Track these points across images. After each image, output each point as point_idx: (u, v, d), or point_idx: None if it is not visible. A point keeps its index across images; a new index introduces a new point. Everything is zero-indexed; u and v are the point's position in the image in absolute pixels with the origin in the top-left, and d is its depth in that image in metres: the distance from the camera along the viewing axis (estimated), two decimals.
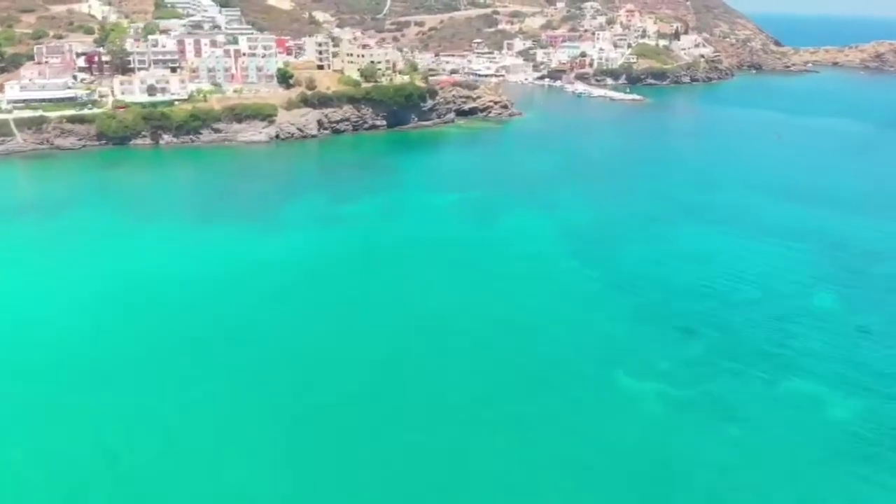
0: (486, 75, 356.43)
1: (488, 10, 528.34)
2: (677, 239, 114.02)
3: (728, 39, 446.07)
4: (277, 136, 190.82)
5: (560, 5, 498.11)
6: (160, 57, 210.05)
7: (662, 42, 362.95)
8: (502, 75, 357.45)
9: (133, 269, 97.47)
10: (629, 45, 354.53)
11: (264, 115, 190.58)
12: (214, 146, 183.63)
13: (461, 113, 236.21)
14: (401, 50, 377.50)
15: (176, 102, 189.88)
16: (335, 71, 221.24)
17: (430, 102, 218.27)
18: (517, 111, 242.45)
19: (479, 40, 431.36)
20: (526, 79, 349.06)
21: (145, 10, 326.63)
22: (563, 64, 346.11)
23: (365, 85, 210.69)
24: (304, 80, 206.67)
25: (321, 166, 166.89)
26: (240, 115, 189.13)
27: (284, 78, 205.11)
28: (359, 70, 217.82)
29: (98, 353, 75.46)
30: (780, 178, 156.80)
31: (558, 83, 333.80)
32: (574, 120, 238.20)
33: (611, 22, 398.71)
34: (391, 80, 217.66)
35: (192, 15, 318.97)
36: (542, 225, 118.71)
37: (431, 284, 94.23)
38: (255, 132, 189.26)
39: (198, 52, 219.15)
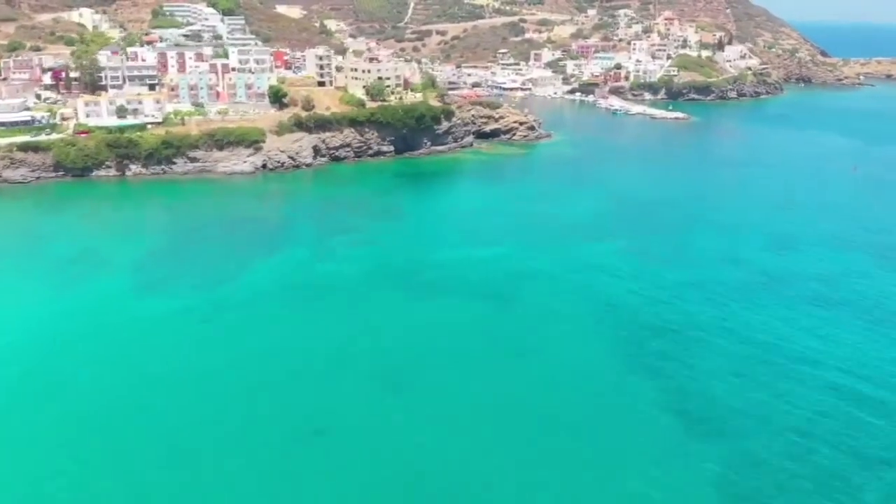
0: (512, 89, 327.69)
1: (514, 19, 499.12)
2: (768, 331, 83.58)
3: (773, 50, 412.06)
4: (264, 166, 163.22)
5: (591, 13, 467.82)
6: (137, 73, 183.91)
7: (705, 53, 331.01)
8: (529, 89, 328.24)
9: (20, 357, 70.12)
10: (669, 57, 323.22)
11: (250, 140, 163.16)
12: (190, 178, 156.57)
13: (482, 135, 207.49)
14: (419, 62, 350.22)
15: (149, 126, 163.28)
16: (338, 88, 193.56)
17: (445, 125, 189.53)
18: (545, 133, 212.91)
19: (504, 50, 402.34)
20: (555, 93, 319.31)
21: (142, 18, 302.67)
22: (596, 77, 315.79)
23: (370, 105, 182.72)
24: (301, 99, 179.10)
25: (309, 208, 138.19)
26: (221, 141, 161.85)
27: (277, 97, 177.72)
28: (364, 87, 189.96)
29: None
30: (878, 229, 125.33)
31: (591, 98, 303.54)
32: (611, 143, 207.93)
33: (647, 31, 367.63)
34: (401, 98, 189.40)
35: (192, 24, 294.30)
36: (583, 312, 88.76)
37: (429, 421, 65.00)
38: (239, 161, 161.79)
39: (181, 67, 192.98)
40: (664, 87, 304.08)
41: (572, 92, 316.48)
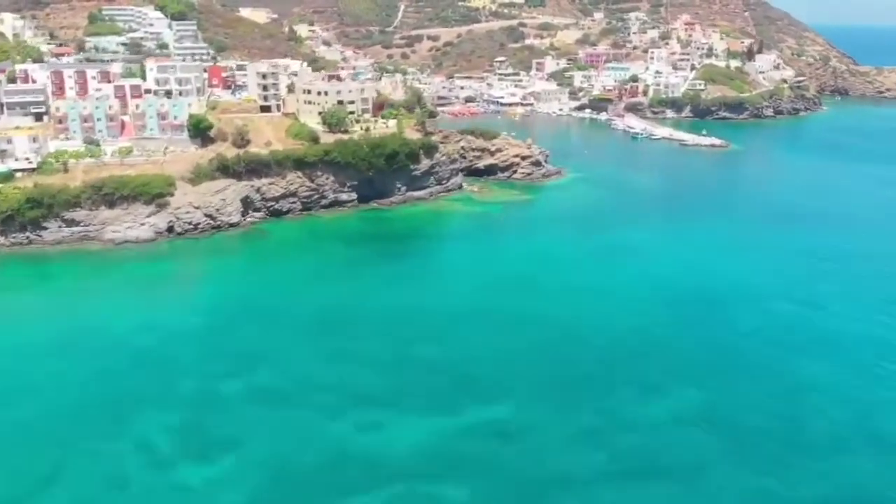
0: (511, 104, 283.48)
1: (513, 22, 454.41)
2: None
3: (804, 58, 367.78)
4: (171, 230, 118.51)
5: (598, 16, 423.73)
6: (19, 98, 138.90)
7: (734, 63, 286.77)
8: (531, 104, 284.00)
9: None
10: (693, 67, 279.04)
11: (151, 194, 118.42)
12: (63, 250, 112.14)
13: (474, 172, 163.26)
14: (404, 73, 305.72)
15: (18, 174, 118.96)
16: (286, 115, 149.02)
17: (425, 163, 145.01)
18: (553, 169, 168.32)
19: (502, 58, 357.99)
20: (560, 109, 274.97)
21: (77, 24, 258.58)
22: (609, 91, 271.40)
23: (326, 139, 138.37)
24: (233, 131, 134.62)
25: (205, 311, 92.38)
26: (111, 195, 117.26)
27: (198, 129, 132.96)
28: (320, 115, 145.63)
29: None
30: None
31: (603, 116, 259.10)
32: (638, 184, 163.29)
33: (665, 37, 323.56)
34: (367, 129, 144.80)
35: (134, 30, 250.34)
36: None
37: None
38: (134, 224, 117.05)
39: (83, 90, 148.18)
40: (689, 104, 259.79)
41: (581, 108, 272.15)
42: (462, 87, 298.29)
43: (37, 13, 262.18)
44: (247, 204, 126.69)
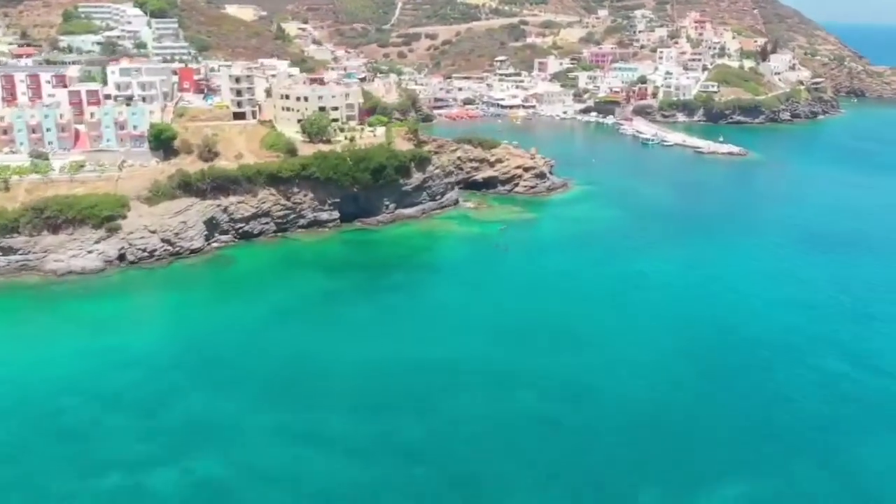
0: (512, 107, 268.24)
1: (514, 20, 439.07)
2: None
3: (818, 58, 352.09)
4: (122, 258, 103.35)
5: (602, 13, 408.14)
6: None
7: (748, 63, 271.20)
8: (532, 106, 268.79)
9: None
10: (705, 68, 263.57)
11: (101, 217, 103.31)
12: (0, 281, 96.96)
13: (472, 185, 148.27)
14: (399, 73, 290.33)
15: None
16: (262, 123, 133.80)
17: (417, 177, 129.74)
18: (558, 181, 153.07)
19: (502, 58, 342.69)
20: (564, 112, 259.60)
21: (52, 22, 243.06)
22: (616, 93, 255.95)
23: (306, 150, 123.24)
24: (199, 143, 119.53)
25: (147, 365, 76.37)
26: (54, 218, 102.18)
27: (160, 140, 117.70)
28: (299, 123, 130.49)
29: None
30: None
31: (610, 120, 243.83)
32: (653, 199, 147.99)
33: (674, 36, 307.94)
34: (352, 139, 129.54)
35: (111, 28, 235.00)
36: None
37: None
38: (81, 251, 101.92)
39: (37, 95, 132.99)
40: (702, 107, 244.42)
41: (586, 111, 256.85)
42: (460, 89, 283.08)
43: (9, 10, 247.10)
44: (212, 226, 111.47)
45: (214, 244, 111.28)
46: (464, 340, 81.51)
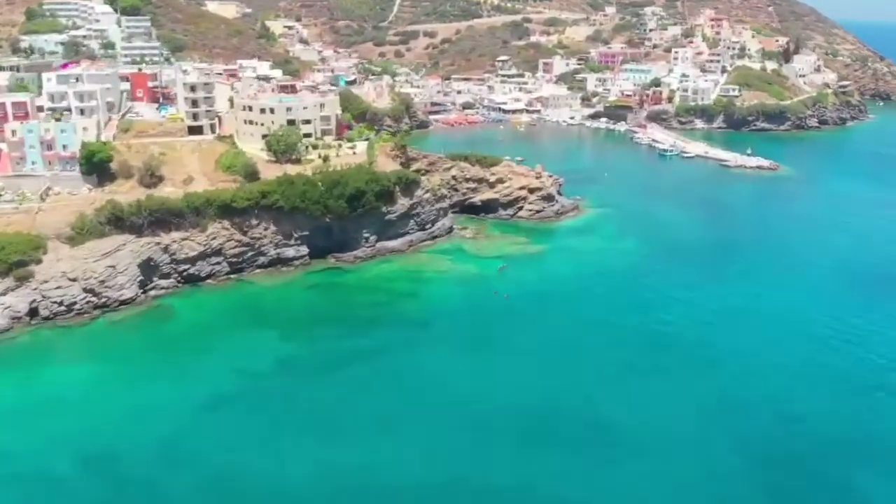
0: (515, 111, 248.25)
1: (517, 17, 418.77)
2: None
3: (840, 59, 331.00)
4: (34, 313, 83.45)
5: (610, 10, 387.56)
6: None
7: (770, 65, 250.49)
8: (537, 111, 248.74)
9: None
10: (724, 70, 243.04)
11: (9, 262, 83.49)
12: None
13: (469, 209, 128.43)
14: (394, 76, 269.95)
15: None
16: (222, 139, 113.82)
17: (403, 203, 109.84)
18: (569, 203, 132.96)
19: (504, 57, 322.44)
20: (572, 118, 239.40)
21: (14, 21, 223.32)
22: (628, 97, 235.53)
23: (269, 174, 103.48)
24: (140, 165, 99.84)
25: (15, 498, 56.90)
26: None
27: (92, 163, 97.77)
28: (264, 139, 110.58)
29: None
30: None
31: (622, 126, 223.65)
32: (678, 225, 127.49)
33: (688, 34, 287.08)
34: (326, 158, 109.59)
35: (77, 27, 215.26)
36: None
37: None
38: None
39: None
40: (722, 113, 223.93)
41: (595, 117, 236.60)
42: (459, 92, 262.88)
43: None
44: (149, 270, 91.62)
45: (152, 292, 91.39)
46: (453, 444, 61.58)
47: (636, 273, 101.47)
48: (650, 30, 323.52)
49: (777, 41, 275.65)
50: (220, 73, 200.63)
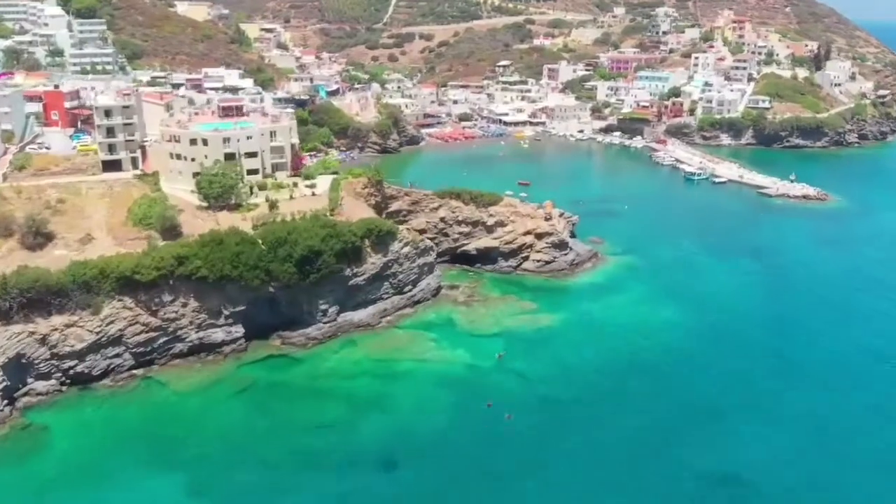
0: (516, 123, 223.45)
1: (519, 19, 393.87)
2: None
3: (868, 63, 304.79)
4: None
5: (619, 11, 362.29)
6: None
7: (801, 73, 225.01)
8: (542, 122, 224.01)
9: None
10: (751, 78, 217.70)
11: None
12: None
13: (461, 257, 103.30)
14: (383, 82, 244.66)
15: None
16: (144, 177, 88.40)
17: (374, 261, 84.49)
18: (584, 250, 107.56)
19: (505, 62, 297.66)
20: (581, 131, 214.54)
21: None
22: (644, 108, 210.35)
23: (195, 227, 78.40)
24: (22, 219, 74.78)
25: None
26: None
27: None
28: (195, 178, 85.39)
29: None
30: None
31: (638, 142, 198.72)
32: (725, 281, 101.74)
33: (707, 38, 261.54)
34: (274, 203, 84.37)
35: (24, 31, 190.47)
36: None
37: None
38: None
39: None
40: (751, 127, 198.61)
41: (608, 130, 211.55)
42: (455, 101, 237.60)
43: None
44: (19, 370, 66.53)
45: (22, 401, 66.34)
46: None
47: (684, 365, 76.02)
48: (664, 32, 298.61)
49: (806, 45, 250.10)
50: (182, 84, 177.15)
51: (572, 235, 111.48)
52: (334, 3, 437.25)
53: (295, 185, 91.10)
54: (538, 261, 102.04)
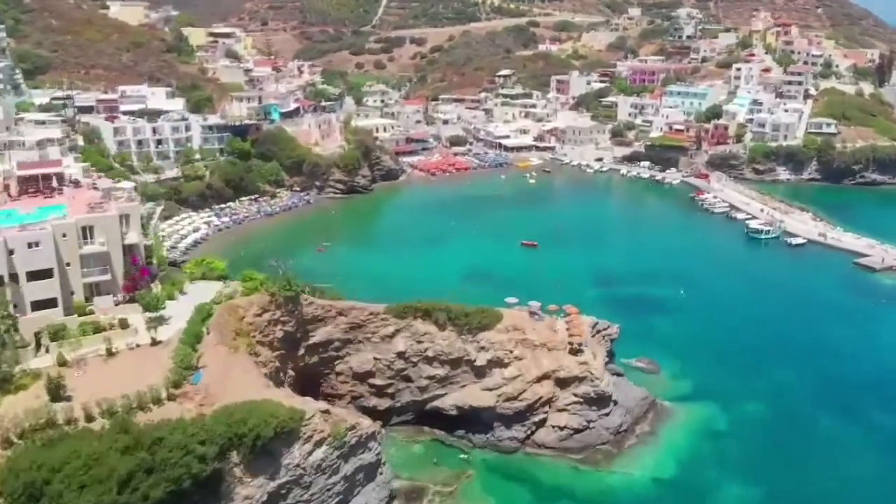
0: (520, 148, 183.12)
1: (522, 21, 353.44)
2: None
3: None
4: None
5: (635, 12, 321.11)
6: None
7: (867, 89, 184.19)
8: (551, 147, 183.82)
9: None
10: (807, 95, 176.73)
11: None
12: None
13: (432, 417, 61.95)
14: (359, 100, 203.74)
15: None
16: None
17: (251, 491, 43.14)
18: (634, 399, 66.28)
19: (506, 71, 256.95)
20: (600, 160, 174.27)
21: None
22: (678, 132, 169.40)
23: None
24: None
25: None
26: None
27: None
28: None
29: None
30: None
31: (673, 176, 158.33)
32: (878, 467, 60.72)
33: (745, 45, 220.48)
34: (55, 385, 43.21)
35: None
36: None
37: None
38: None
39: None
40: (815, 158, 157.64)
41: (633, 159, 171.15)
42: (446, 121, 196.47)
43: None
44: None
45: None
46: None
47: None
48: (688, 36, 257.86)
49: (865, 54, 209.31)
50: (92, 107, 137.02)
51: (610, 357, 70.90)
52: (317, 4, 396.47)
53: (124, 323, 50.21)
54: (561, 427, 61.16)
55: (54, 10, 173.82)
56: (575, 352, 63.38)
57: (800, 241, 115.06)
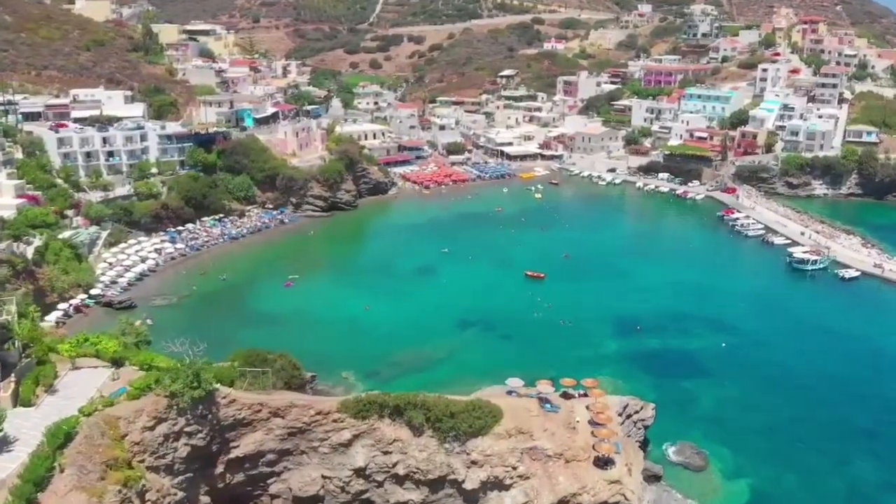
0: (524, 157, 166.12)
1: (526, 18, 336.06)
2: None
3: None
4: None
5: (645, 9, 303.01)
6: None
7: None
8: (559, 156, 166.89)
9: None
10: (842, 99, 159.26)
11: None
12: None
13: None
14: (348, 103, 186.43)
15: None
16: None
17: None
18: None
19: (509, 71, 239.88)
20: (613, 170, 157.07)
21: None
22: (700, 140, 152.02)
23: None
24: None
25: None
26: None
27: None
28: None
29: None
30: None
31: (697, 191, 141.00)
32: None
33: (769, 43, 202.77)
34: None
35: None
36: None
37: None
38: None
39: None
40: (855, 171, 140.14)
41: (649, 170, 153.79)
42: (443, 127, 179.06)
43: None
44: None
45: None
46: None
47: None
48: (703, 34, 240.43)
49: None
50: (39, 112, 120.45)
51: (644, 443, 54.25)
52: (312, 1, 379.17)
53: None
54: None
55: (9, 4, 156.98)
56: (603, 463, 46.29)
57: (853, 273, 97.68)
